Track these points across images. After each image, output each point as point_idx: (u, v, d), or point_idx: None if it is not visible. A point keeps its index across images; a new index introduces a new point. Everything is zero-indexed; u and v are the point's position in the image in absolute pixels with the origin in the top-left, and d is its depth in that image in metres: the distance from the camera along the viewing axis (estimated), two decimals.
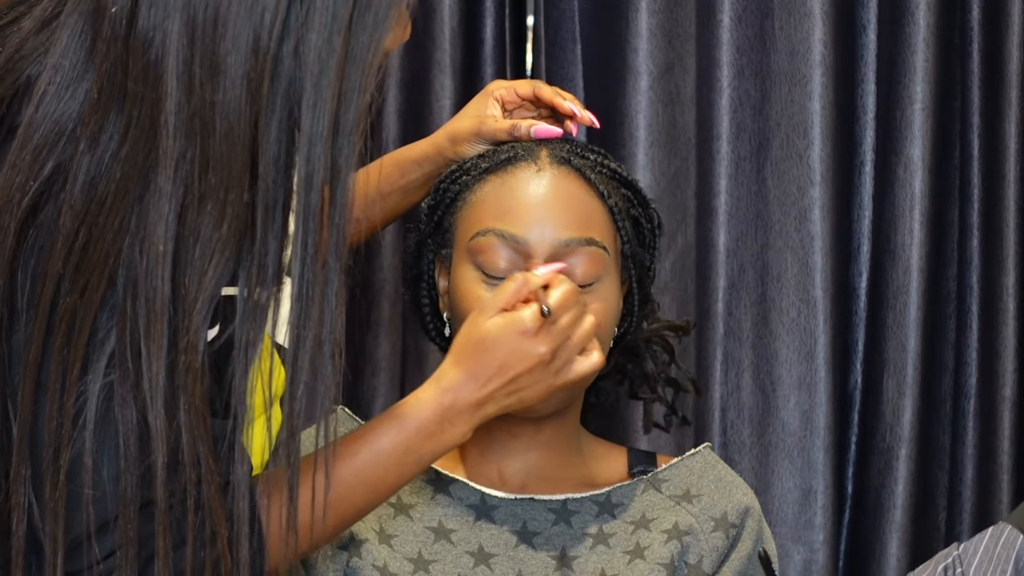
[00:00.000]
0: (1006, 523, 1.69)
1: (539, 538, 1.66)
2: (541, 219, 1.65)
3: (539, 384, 1.52)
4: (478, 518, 1.67)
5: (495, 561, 1.64)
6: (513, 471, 1.71)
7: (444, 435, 1.48)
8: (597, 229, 1.67)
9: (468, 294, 1.65)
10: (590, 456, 1.76)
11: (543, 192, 1.66)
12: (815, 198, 2.28)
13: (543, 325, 1.50)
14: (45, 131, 1.30)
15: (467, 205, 1.68)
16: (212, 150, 1.27)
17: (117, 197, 1.28)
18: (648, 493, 1.71)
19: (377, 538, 1.64)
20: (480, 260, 1.65)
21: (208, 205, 1.27)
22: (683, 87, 2.34)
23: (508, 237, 1.64)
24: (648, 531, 1.68)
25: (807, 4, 2.28)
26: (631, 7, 2.30)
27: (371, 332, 2.36)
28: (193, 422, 1.29)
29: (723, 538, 1.68)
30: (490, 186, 1.68)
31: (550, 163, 1.68)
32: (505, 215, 1.65)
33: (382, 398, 2.34)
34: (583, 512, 1.68)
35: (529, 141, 1.71)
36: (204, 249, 1.28)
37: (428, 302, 1.74)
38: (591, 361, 1.54)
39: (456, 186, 1.70)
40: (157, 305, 1.27)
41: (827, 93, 2.28)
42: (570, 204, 1.66)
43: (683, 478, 1.72)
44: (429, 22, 2.32)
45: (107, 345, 1.29)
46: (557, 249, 1.64)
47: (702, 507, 1.70)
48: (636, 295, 1.73)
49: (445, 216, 1.70)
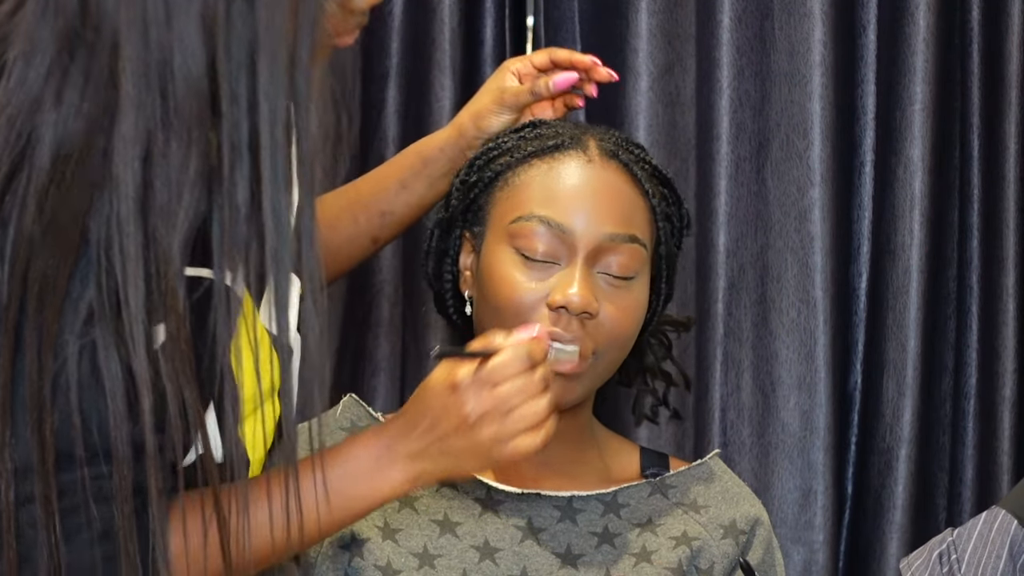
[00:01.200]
0: (1000, 507, 1.69)
1: (544, 534, 1.65)
2: (587, 210, 1.64)
3: (474, 451, 1.45)
4: (484, 511, 1.66)
5: (500, 556, 1.63)
6: (521, 464, 1.69)
7: (375, 480, 1.44)
8: (639, 226, 1.66)
9: (506, 277, 1.63)
10: (604, 450, 1.76)
11: (591, 184, 1.65)
12: (815, 198, 2.28)
13: (473, 383, 1.44)
14: (17, 102, 1.31)
15: (508, 187, 1.67)
16: (172, 93, 1.27)
17: (83, 152, 1.28)
18: (655, 497, 1.70)
19: (381, 535, 1.63)
20: (520, 244, 1.64)
21: (172, 146, 1.27)
22: (683, 88, 2.34)
23: (553, 224, 1.63)
24: (655, 535, 1.67)
25: (807, 4, 2.28)
26: (631, 7, 2.31)
27: (371, 332, 2.36)
28: (178, 368, 1.29)
29: (733, 545, 1.68)
30: (535, 170, 1.66)
31: (599, 154, 1.67)
32: (551, 202, 1.64)
33: (382, 398, 2.34)
34: (589, 510, 1.67)
35: (576, 130, 1.70)
36: (173, 191, 1.28)
37: (451, 279, 1.73)
38: (533, 442, 1.45)
39: (497, 165, 1.68)
40: (131, 251, 1.27)
41: (827, 93, 2.28)
42: (617, 198, 1.65)
43: (690, 486, 1.72)
44: (429, 22, 2.32)
45: (82, 304, 1.29)
46: (600, 242, 1.63)
47: (710, 517, 1.69)
48: (663, 293, 1.73)
49: (481, 195, 1.69)
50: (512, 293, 1.63)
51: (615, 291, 1.64)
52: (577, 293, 1.61)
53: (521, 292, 1.62)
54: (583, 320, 1.62)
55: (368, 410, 1.72)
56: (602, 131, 1.72)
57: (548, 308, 1.62)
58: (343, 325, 2.34)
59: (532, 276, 1.63)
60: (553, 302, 1.61)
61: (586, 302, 1.61)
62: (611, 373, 1.69)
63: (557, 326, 1.61)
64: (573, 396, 1.65)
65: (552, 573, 1.63)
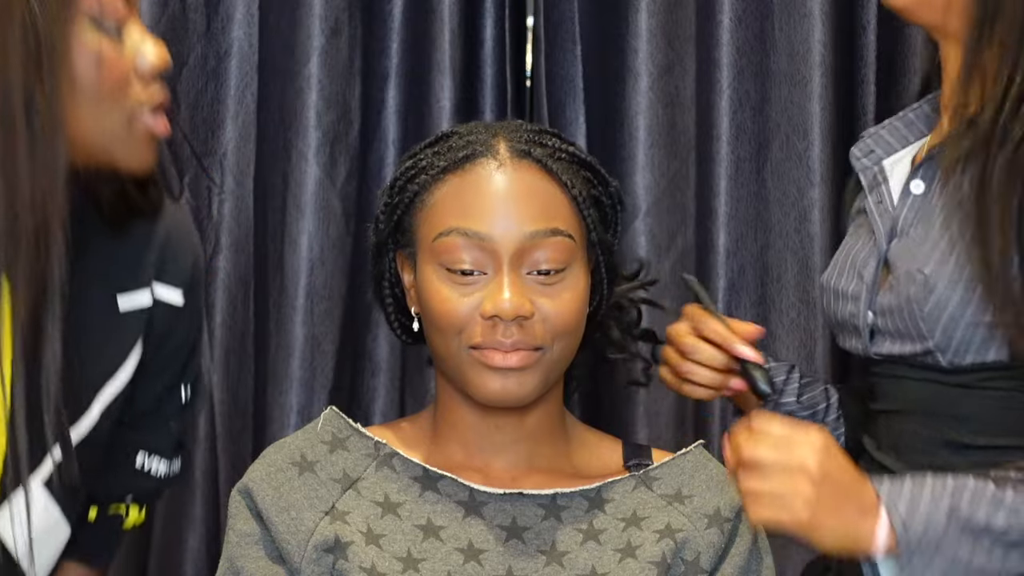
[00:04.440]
0: None
1: (529, 533, 1.65)
2: (504, 214, 1.64)
3: None
4: (467, 514, 1.66)
5: (485, 557, 1.64)
6: (502, 465, 1.70)
7: None
8: (561, 218, 1.66)
9: (437, 294, 1.64)
10: (580, 445, 1.76)
11: (504, 187, 1.65)
12: (815, 199, 2.28)
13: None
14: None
15: (426, 206, 1.67)
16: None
17: None
18: (639, 491, 1.70)
19: (364, 539, 1.63)
20: (445, 260, 1.64)
21: None
22: (683, 88, 2.34)
23: (471, 235, 1.63)
24: (640, 530, 1.67)
25: (807, 5, 2.28)
26: (631, 8, 2.31)
27: (371, 332, 2.36)
28: None
29: (718, 533, 1.67)
30: (448, 186, 1.66)
31: (510, 156, 1.66)
32: (467, 213, 1.64)
33: (382, 398, 2.34)
34: (573, 507, 1.67)
35: (486, 134, 1.70)
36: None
37: (392, 299, 1.74)
38: None
39: (414, 185, 1.68)
40: None
41: (827, 94, 2.28)
42: (532, 197, 1.65)
43: (675, 477, 1.71)
44: (429, 23, 2.33)
45: None
46: (522, 243, 1.63)
47: (694, 507, 1.69)
48: (604, 277, 1.73)
49: (404, 217, 1.69)
50: (445, 309, 1.64)
51: (549, 288, 1.64)
52: (507, 299, 1.61)
53: (453, 307, 1.63)
54: (520, 323, 1.62)
55: (348, 421, 1.72)
56: (513, 128, 1.70)
57: (482, 318, 1.62)
58: (343, 325, 2.34)
59: (463, 291, 1.63)
60: (484, 312, 1.62)
61: (516, 307, 1.62)
62: (567, 361, 1.69)
63: (494, 334, 1.62)
64: (528, 389, 1.65)
65: (537, 571, 1.63)
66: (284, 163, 2.33)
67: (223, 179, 2.31)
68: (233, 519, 1.67)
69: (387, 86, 2.35)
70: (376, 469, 1.68)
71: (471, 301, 1.63)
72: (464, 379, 1.65)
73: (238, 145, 2.32)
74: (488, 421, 1.70)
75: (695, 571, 1.65)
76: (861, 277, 1.79)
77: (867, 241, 1.81)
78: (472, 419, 1.70)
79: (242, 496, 1.68)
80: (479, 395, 1.65)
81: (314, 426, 1.73)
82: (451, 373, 1.67)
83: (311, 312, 2.31)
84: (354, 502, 1.66)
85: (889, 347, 1.75)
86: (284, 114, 2.33)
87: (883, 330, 1.76)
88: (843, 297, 1.82)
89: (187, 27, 2.32)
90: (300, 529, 1.63)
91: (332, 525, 1.63)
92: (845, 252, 1.85)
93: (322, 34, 2.31)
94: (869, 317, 1.78)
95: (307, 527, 1.63)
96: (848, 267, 1.83)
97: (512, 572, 1.63)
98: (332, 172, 2.33)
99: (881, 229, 1.79)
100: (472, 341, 1.63)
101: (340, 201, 2.33)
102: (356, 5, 2.34)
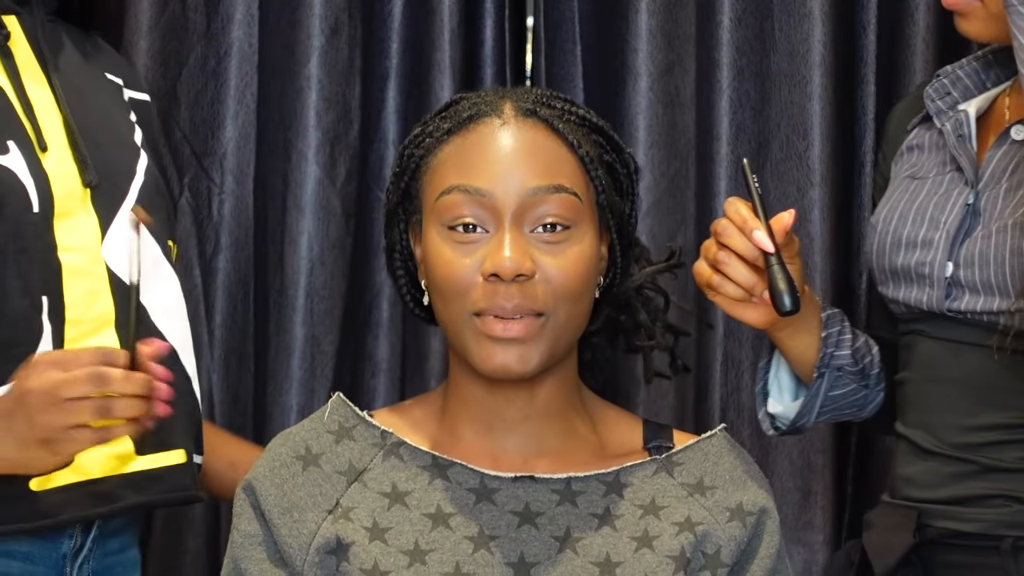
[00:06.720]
0: None
1: (542, 518, 1.63)
2: (506, 171, 1.61)
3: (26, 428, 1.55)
4: (478, 501, 1.63)
5: (496, 544, 1.61)
6: (514, 445, 1.67)
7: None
8: (566, 176, 1.63)
9: (439, 256, 1.62)
10: (599, 423, 1.72)
11: (507, 144, 1.63)
12: (815, 198, 2.28)
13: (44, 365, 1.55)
14: None
15: (431, 168, 1.65)
16: None
17: None
18: (660, 476, 1.67)
19: (368, 536, 1.61)
20: (447, 219, 1.62)
21: None
22: (683, 88, 2.34)
23: (472, 191, 1.61)
24: (658, 519, 1.64)
25: (807, 5, 2.28)
26: (631, 8, 2.31)
27: (371, 332, 2.36)
28: None
29: (740, 527, 1.64)
30: (452, 146, 1.65)
31: (515, 115, 1.65)
32: (468, 171, 1.62)
33: (382, 398, 2.34)
34: (589, 492, 1.65)
35: (494, 96, 1.68)
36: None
37: (403, 272, 1.72)
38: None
39: (420, 151, 1.67)
40: None
41: (827, 94, 2.28)
42: (536, 153, 1.63)
43: (697, 464, 1.68)
44: (429, 23, 2.33)
45: None
46: (524, 199, 1.61)
47: (716, 500, 1.66)
48: (618, 244, 1.70)
49: (411, 183, 1.68)
50: (448, 272, 1.61)
51: (552, 246, 1.61)
52: (507, 257, 1.59)
53: (455, 269, 1.61)
54: (521, 284, 1.59)
55: (355, 410, 1.70)
56: (523, 91, 1.69)
57: (482, 278, 1.60)
58: (343, 325, 2.34)
59: (465, 251, 1.61)
60: (484, 271, 1.60)
61: (516, 264, 1.59)
62: (573, 331, 1.65)
63: (495, 297, 1.59)
64: (531, 365, 1.61)
65: (550, 557, 1.61)
66: (284, 163, 2.33)
67: (223, 179, 2.31)
68: (237, 518, 1.66)
69: (387, 86, 2.35)
70: (383, 459, 1.66)
71: (472, 262, 1.60)
72: (467, 350, 1.62)
73: (238, 145, 2.32)
74: (497, 395, 1.66)
75: (716, 564, 1.63)
76: (938, 225, 1.72)
77: (942, 188, 1.74)
78: (481, 394, 1.67)
79: (247, 494, 1.66)
80: (481, 367, 1.62)
81: (321, 415, 1.71)
82: (456, 344, 1.64)
83: (311, 312, 2.31)
84: (359, 495, 1.64)
85: (968, 302, 1.68)
86: (284, 114, 2.33)
87: (965, 283, 1.68)
88: (912, 246, 1.74)
89: (187, 27, 2.32)
90: (302, 532, 1.62)
91: (335, 525, 1.62)
92: (908, 198, 1.77)
93: (322, 34, 2.31)
94: (948, 268, 1.70)
95: (309, 529, 1.62)
96: (916, 214, 1.75)
97: (524, 559, 1.61)
98: (332, 172, 2.33)
99: (969, 175, 1.71)
100: (475, 307, 1.60)
101: (340, 201, 2.33)
102: (356, 5, 2.34)
